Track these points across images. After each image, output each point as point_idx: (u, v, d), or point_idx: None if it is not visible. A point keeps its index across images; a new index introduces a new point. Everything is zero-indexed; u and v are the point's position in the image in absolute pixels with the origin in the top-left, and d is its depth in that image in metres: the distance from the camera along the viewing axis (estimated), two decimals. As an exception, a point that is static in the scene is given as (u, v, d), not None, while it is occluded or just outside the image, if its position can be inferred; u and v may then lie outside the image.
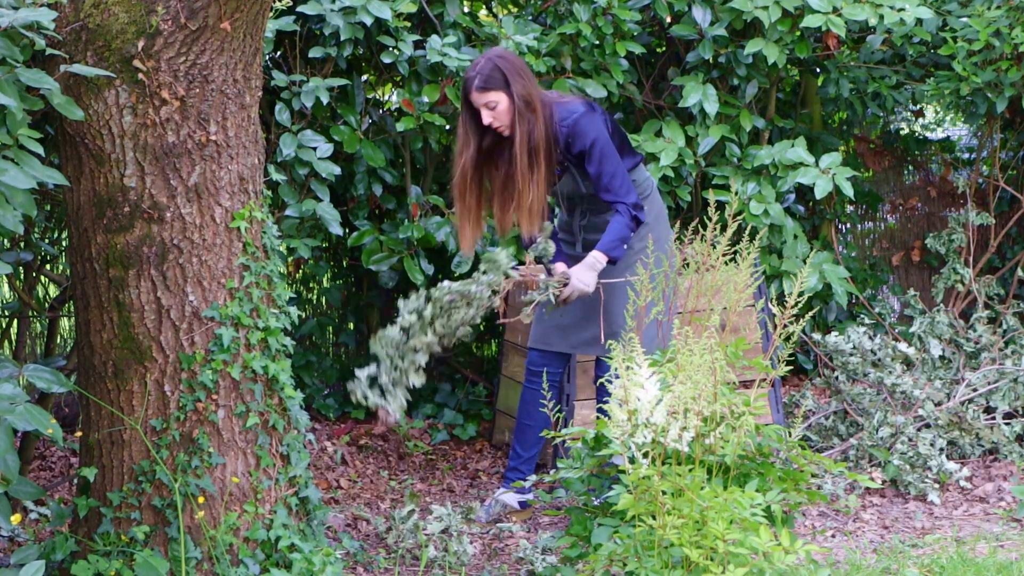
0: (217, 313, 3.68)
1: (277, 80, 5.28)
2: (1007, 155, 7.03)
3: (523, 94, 4.44)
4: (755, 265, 4.52)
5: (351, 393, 4.05)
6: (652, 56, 6.48)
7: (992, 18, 5.92)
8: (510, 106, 4.44)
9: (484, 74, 4.43)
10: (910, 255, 7.33)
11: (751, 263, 3.82)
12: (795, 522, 4.00)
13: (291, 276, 6.31)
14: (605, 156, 4.54)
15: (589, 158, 4.55)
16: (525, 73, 4.51)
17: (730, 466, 3.43)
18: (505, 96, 4.43)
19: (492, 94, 4.43)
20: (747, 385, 3.74)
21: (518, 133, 4.44)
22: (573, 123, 4.54)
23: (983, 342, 5.94)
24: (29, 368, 3.45)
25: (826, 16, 5.73)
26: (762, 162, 5.97)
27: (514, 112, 4.44)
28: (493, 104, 4.43)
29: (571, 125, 4.55)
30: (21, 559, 3.55)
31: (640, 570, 3.22)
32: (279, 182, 5.19)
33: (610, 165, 4.55)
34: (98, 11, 3.52)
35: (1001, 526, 4.67)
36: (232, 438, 3.75)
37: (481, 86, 4.43)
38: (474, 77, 4.44)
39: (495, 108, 4.44)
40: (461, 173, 4.54)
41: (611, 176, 4.54)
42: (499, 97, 4.43)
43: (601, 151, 4.54)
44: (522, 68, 4.51)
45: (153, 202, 3.60)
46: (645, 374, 3.26)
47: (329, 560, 3.77)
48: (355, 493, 5.26)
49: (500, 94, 4.43)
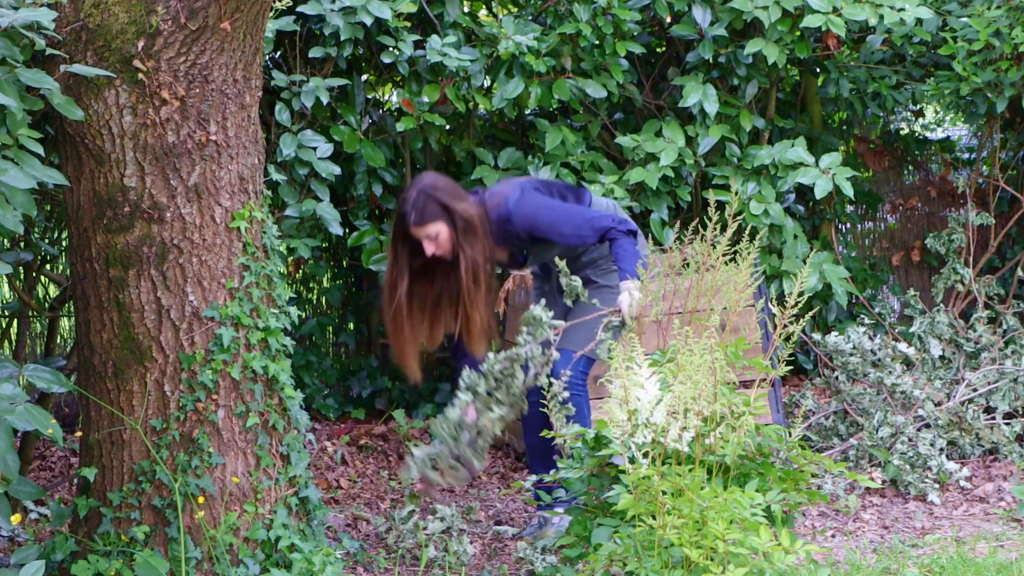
0: (217, 313, 3.68)
1: (277, 80, 5.28)
2: (1007, 155, 7.03)
3: (464, 217, 4.28)
4: (755, 265, 4.51)
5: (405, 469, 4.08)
6: (652, 56, 6.48)
7: (992, 18, 5.92)
8: (451, 233, 4.28)
9: (420, 208, 4.23)
10: (910, 255, 7.33)
11: (751, 263, 3.82)
12: (795, 522, 4.00)
13: (291, 276, 6.32)
14: (560, 220, 4.41)
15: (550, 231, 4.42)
16: (458, 193, 4.33)
17: (730, 466, 3.43)
18: (445, 225, 4.27)
19: (432, 226, 4.25)
20: (747, 385, 3.74)
21: (462, 259, 4.29)
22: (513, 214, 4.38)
23: (983, 342, 5.94)
24: (29, 368, 3.45)
25: (826, 16, 5.73)
26: (762, 162, 5.97)
27: (456, 237, 4.28)
28: (434, 234, 4.27)
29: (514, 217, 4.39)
30: (21, 559, 3.55)
31: (640, 570, 3.22)
32: (279, 182, 5.19)
33: (570, 222, 4.42)
34: (98, 11, 3.52)
35: (1001, 526, 4.67)
36: (232, 438, 3.75)
37: (419, 221, 4.23)
38: (409, 212, 4.25)
39: (437, 237, 4.28)
40: (396, 308, 4.36)
41: (577, 226, 4.41)
42: (439, 227, 4.26)
43: (551, 220, 4.40)
44: (455, 190, 4.34)
45: (153, 202, 3.60)
46: (645, 374, 3.26)
47: (329, 560, 3.77)
48: (355, 493, 5.26)
49: (440, 224, 4.26)
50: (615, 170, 5.97)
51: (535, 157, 5.91)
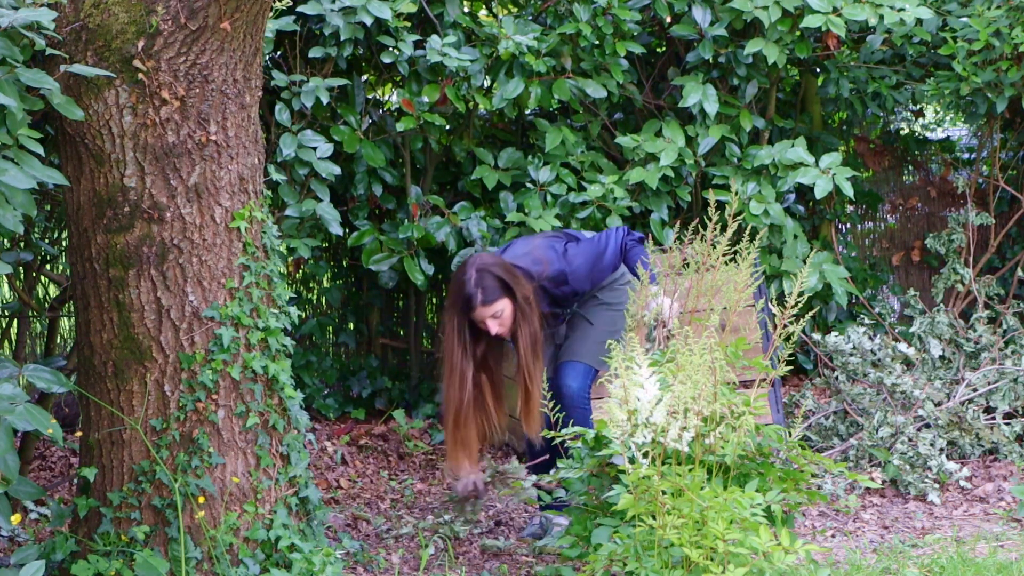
0: (217, 313, 3.68)
1: (277, 80, 5.28)
2: (1007, 155, 7.03)
3: (523, 295, 4.20)
4: (755, 265, 4.51)
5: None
6: (652, 56, 6.48)
7: (992, 18, 5.92)
8: (513, 310, 4.19)
9: (485, 287, 4.14)
10: (910, 255, 7.33)
11: (751, 263, 3.82)
12: (795, 522, 4.00)
13: (291, 276, 6.32)
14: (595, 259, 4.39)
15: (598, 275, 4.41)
16: (512, 270, 4.25)
17: (730, 466, 3.43)
18: (509, 302, 4.18)
19: (497, 304, 4.17)
20: (747, 385, 3.74)
21: (521, 336, 4.20)
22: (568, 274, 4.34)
23: (983, 342, 5.93)
24: (29, 368, 3.45)
25: (826, 16, 5.73)
26: (762, 162, 5.97)
27: (517, 315, 4.19)
28: (499, 313, 4.19)
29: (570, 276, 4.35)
30: (21, 559, 3.55)
31: (640, 570, 3.22)
32: (279, 182, 5.19)
33: (601, 258, 4.40)
34: (98, 11, 3.52)
35: (1001, 526, 4.67)
36: (232, 438, 3.75)
37: (487, 300, 4.15)
38: (475, 294, 4.14)
39: (501, 316, 4.19)
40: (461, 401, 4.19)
41: (609, 257, 4.40)
42: (503, 305, 4.18)
43: (592, 264, 4.38)
44: (509, 267, 4.26)
45: (153, 202, 3.60)
46: (645, 374, 3.26)
47: (329, 560, 3.77)
48: (355, 493, 5.26)
49: (504, 301, 4.18)
50: (615, 170, 5.97)
51: (535, 157, 5.91)
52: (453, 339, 4.20)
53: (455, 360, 4.19)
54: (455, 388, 4.20)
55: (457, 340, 4.19)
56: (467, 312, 4.17)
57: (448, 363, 4.21)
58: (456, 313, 4.20)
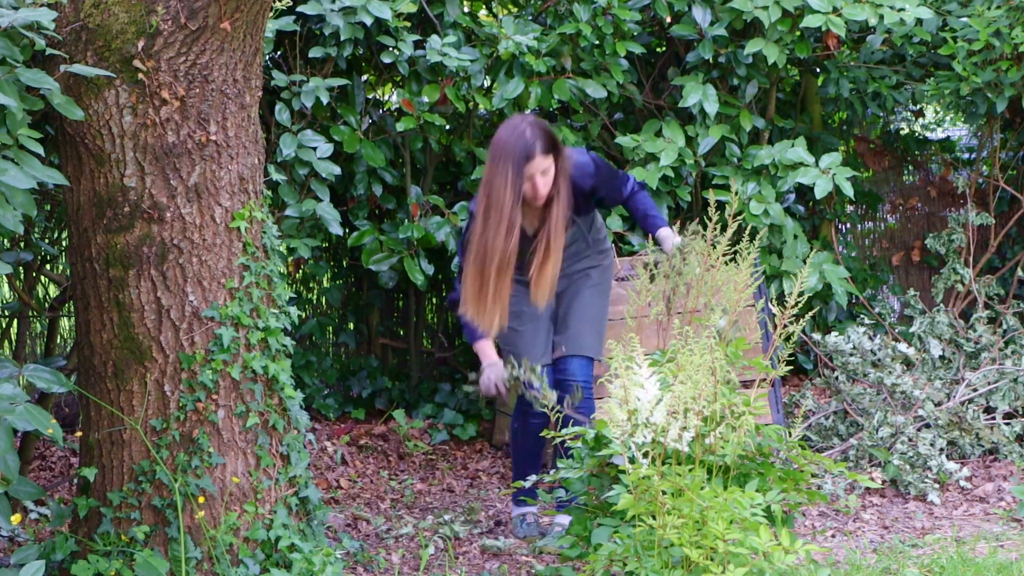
0: (217, 313, 3.68)
1: (277, 80, 5.28)
2: (1007, 155, 7.03)
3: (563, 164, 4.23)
4: (755, 265, 4.52)
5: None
6: (652, 56, 6.48)
7: (992, 18, 5.92)
8: (556, 172, 4.21)
9: (543, 139, 4.15)
10: (910, 255, 7.33)
11: (751, 263, 3.82)
12: (795, 522, 4.00)
13: (291, 276, 6.32)
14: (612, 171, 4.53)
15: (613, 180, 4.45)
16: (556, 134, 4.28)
17: (730, 466, 3.43)
18: (554, 163, 4.20)
19: (548, 159, 4.18)
20: (747, 385, 3.74)
21: (556, 202, 4.21)
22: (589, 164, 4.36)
23: (983, 342, 5.94)
24: (29, 368, 3.45)
25: (826, 16, 5.73)
26: (762, 162, 5.97)
27: (559, 178, 4.21)
28: (547, 170, 4.19)
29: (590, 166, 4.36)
30: (21, 559, 3.55)
31: (640, 570, 3.22)
32: (279, 182, 5.19)
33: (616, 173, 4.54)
34: (98, 11, 3.52)
35: (1001, 526, 4.67)
36: (232, 438, 3.75)
37: (545, 150, 4.15)
38: (533, 144, 4.13)
39: (547, 174, 4.20)
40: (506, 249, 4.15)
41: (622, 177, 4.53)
42: (551, 162, 4.19)
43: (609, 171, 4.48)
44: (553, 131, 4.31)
45: (153, 202, 3.60)
46: (645, 374, 3.26)
47: (329, 560, 3.77)
48: (355, 493, 5.26)
49: (551, 159, 4.19)
50: (615, 170, 5.97)
51: (535, 157, 5.90)
52: (505, 189, 4.15)
53: (505, 209, 4.15)
54: (501, 237, 4.16)
55: (510, 189, 4.15)
56: (525, 160, 4.14)
57: (497, 213, 4.16)
58: (511, 164, 4.15)
